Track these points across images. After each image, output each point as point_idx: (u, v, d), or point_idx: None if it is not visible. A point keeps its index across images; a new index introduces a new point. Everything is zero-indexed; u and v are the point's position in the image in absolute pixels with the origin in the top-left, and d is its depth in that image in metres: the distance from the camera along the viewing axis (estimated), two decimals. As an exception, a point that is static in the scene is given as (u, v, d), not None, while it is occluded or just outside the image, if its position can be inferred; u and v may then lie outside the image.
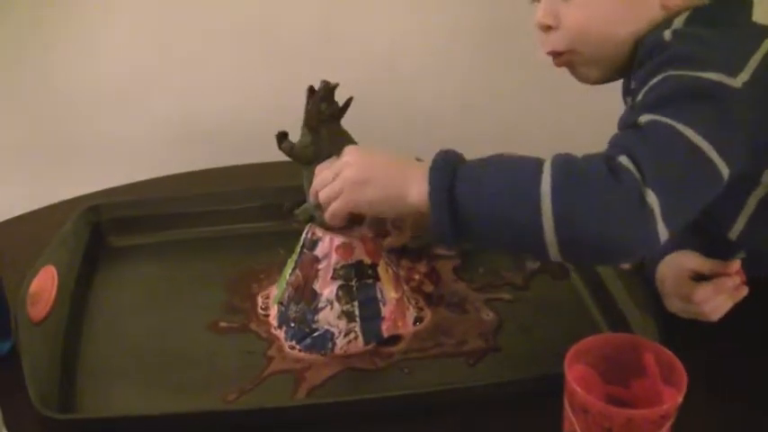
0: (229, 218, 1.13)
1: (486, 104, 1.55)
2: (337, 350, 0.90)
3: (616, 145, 0.71)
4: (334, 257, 0.90)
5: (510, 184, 0.71)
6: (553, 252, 0.69)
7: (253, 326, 0.94)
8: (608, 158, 0.69)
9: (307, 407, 0.83)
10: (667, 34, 0.78)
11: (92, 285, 1.03)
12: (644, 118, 0.72)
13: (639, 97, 0.76)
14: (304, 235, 0.93)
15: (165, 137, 1.53)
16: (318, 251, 0.91)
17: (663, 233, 0.68)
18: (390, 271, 0.93)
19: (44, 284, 0.94)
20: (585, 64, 0.86)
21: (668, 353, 0.69)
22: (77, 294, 0.99)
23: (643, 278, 0.92)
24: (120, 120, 1.51)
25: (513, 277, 1.02)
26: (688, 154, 0.70)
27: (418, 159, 0.80)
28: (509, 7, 1.49)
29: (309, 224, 0.93)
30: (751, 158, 0.75)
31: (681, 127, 0.70)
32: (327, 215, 0.82)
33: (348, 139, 0.90)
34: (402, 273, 0.99)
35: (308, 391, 0.85)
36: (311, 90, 0.89)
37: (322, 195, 0.82)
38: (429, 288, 1.00)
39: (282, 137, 0.91)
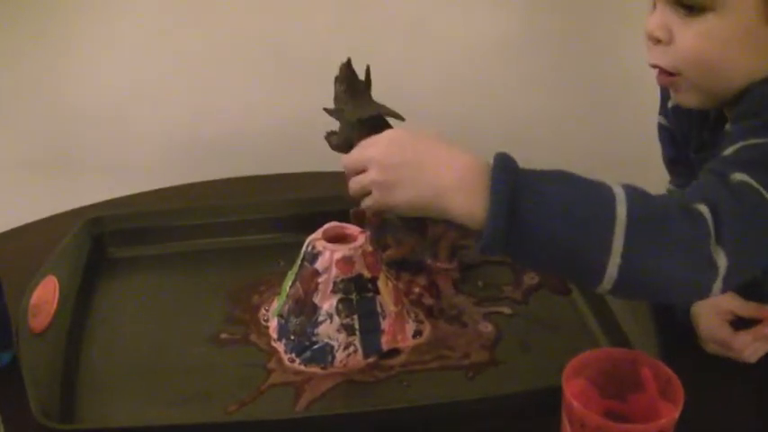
0: (230, 230, 1.13)
1: (497, 125, 1.56)
2: (337, 363, 0.90)
3: (699, 192, 0.69)
4: (334, 271, 0.90)
5: (581, 206, 0.66)
6: (607, 282, 0.66)
7: (253, 338, 0.95)
8: (686, 203, 0.67)
9: (306, 419, 0.83)
10: None
11: (93, 297, 1.03)
12: (737, 176, 0.69)
13: (732, 150, 0.73)
14: (304, 248, 0.93)
15: (167, 149, 1.54)
16: (319, 264, 0.91)
17: (717, 291, 0.67)
18: (390, 284, 0.94)
19: (45, 296, 0.94)
20: (688, 90, 0.80)
21: (665, 368, 0.70)
22: (78, 306, 0.99)
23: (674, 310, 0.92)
24: (123, 132, 1.52)
25: (512, 291, 1.02)
26: (766, 226, 0.69)
27: None
28: (512, 22, 1.51)
29: (310, 238, 0.93)
30: None
31: None
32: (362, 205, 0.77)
33: (379, 114, 0.83)
34: (402, 286, 1.00)
35: (307, 403, 0.85)
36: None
37: (351, 188, 0.76)
38: (429, 301, 1.00)
39: (332, 134, 0.85)
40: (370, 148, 0.74)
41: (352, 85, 0.84)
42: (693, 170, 0.87)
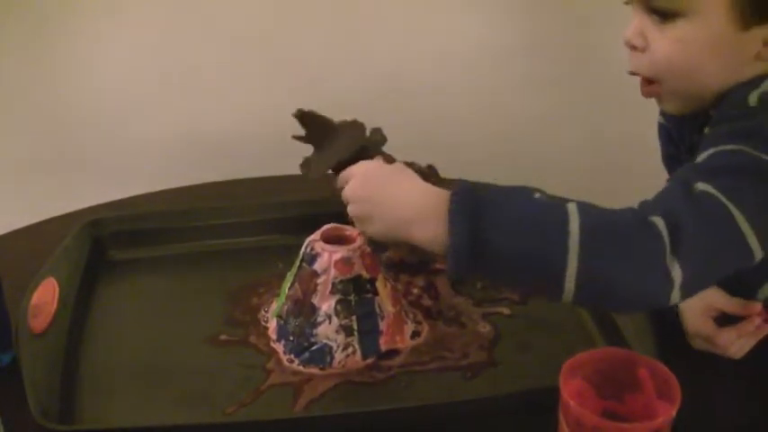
0: (230, 232, 1.13)
1: (494, 127, 1.56)
2: (335, 364, 0.90)
3: (660, 202, 0.69)
4: (332, 272, 0.91)
5: (535, 226, 0.68)
6: (567, 294, 0.68)
7: (252, 339, 0.95)
8: (642, 216, 0.68)
9: (305, 420, 0.83)
10: (753, 98, 0.75)
11: (92, 298, 1.03)
12: (700, 186, 0.69)
13: (704, 156, 0.73)
14: (303, 249, 0.93)
15: (166, 151, 1.54)
16: (317, 266, 0.91)
17: (676, 299, 0.68)
18: (389, 285, 0.94)
19: (45, 297, 0.95)
20: (669, 98, 0.83)
21: (663, 367, 0.70)
22: (78, 307, 0.99)
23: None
24: (123, 134, 1.52)
25: (510, 292, 1.02)
26: (728, 236, 0.69)
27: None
28: (509, 25, 1.52)
29: (309, 239, 0.93)
30: None
31: (732, 207, 0.68)
32: None
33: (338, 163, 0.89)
34: (400, 287, 1.00)
35: (306, 404, 0.85)
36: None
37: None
38: (427, 302, 1.00)
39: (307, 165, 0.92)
40: (347, 185, 0.81)
41: (312, 133, 0.91)
42: None
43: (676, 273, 0.67)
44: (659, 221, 0.67)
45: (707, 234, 0.68)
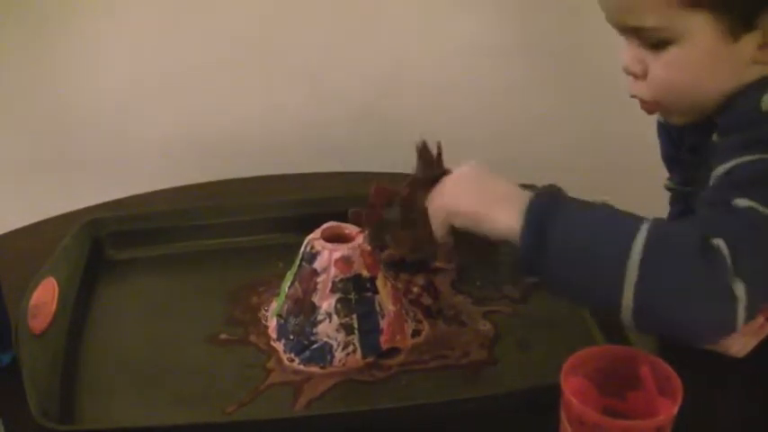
0: (229, 231, 1.13)
1: (492, 123, 1.56)
2: (336, 363, 0.90)
3: (708, 228, 0.68)
4: (333, 271, 0.91)
5: (601, 234, 0.69)
6: (626, 315, 0.68)
7: (252, 338, 0.95)
8: (705, 237, 0.67)
9: (305, 419, 0.83)
10: (766, 102, 0.74)
11: (92, 298, 1.03)
12: (740, 202, 0.69)
13: (724, 169, 0.73)
14: (303, 248, 0.93)
15: (165, 150, 1.54)
16: (317, 264, 0.91)
17: (742, 320, 0.67)
18: (389, 284, 0.94)
19: (45, 297, 0.95)
20: (669, 112, 0.84)
21: (664, 365, 0.70)
22: (78, 307, 0.99)
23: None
24: (121, 133, 1.52)
25: (511, 291, 1.02)
26: None
27: None
28: (505, 24, 1.51)
29: (309, 238, 0.93)
30: None
31: None
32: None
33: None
34: (400, 285, 1.00)
35: (306, 403, 0.85)
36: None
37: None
38: (428, 301, 1.00)
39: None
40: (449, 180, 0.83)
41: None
42: (690, 168, 0.87)
43: (740, 291, 0.66)
44: (721, 243, 0.66)
45: (760, 248, 0.68)
